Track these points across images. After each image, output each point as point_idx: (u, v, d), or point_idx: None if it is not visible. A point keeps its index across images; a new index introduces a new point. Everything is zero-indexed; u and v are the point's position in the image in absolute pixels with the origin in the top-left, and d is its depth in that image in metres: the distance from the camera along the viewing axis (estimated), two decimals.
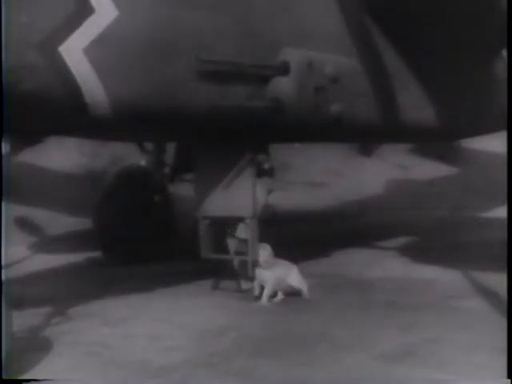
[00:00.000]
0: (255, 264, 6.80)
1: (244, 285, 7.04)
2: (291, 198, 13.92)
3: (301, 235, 11.01)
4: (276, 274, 6.75)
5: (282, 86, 6.42)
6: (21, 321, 5.46)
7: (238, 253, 6.97)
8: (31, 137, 10.08)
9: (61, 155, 13.07)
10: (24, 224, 11.14)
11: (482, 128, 9.31)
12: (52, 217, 11.64)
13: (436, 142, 11.58)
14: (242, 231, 6.89)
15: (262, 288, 6.74)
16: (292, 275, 6.83)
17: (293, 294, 6.83)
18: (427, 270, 7.74)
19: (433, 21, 7.24)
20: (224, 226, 7.04)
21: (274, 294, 6.78)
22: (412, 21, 7.22)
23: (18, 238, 10.41)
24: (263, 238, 6.96)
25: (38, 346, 5.43)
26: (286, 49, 6.45)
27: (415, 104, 7.73)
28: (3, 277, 4.72)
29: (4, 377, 4.47)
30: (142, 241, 8.94)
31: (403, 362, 4.90)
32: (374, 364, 4.90)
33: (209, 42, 5.87)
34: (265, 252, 6.79)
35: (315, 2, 6.95)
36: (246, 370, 4.87)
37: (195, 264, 7.60)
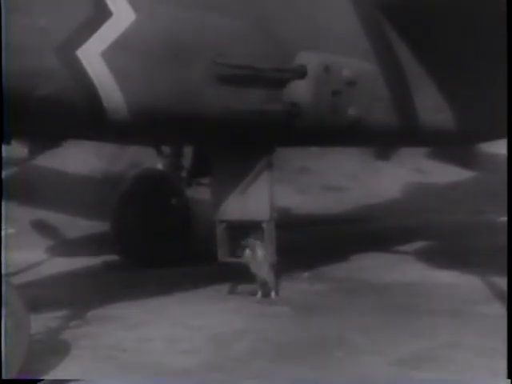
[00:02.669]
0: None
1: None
2: (308, 201, 13.90)
3: (318, 239, 10.99)
4: None
5: (299, 90, 6.41)
6: (38, 324, 5.47)
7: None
8: (49, 141, 10.12)
9: (78, 159, 13.12)
10: (41, 227, 11.18)
11: (501, 132, 9.23)
12: (69, 220, 11.68)
13: (454, 145, 11.51)
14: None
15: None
16: None
17: None
18: (445, 275, 7.69)
19: (451, 23, 7.20)
20: (241, 229, 7.04)
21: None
22: (430, 23, 7.19)
23: (36, 241, 10.46)
24: (280, 242, 6.96)
25: (55, 349, 5.45)
26: (302, 52, 6.44)
27: (433, 107, 7.68)
28: (20, 280, 4.72)
29: (4, 377, 4.48)
30: (159, 244, 8.94)
31: (421, 367, 4.87)
32: (391, 369, 4.88)
33: (226, 46, 5.88)
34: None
35: (332, 6, 6.93)
36: (262, 374, 4.86)
37: (212, 267, 7.60)
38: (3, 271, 4.73)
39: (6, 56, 4.67)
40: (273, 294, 6.97)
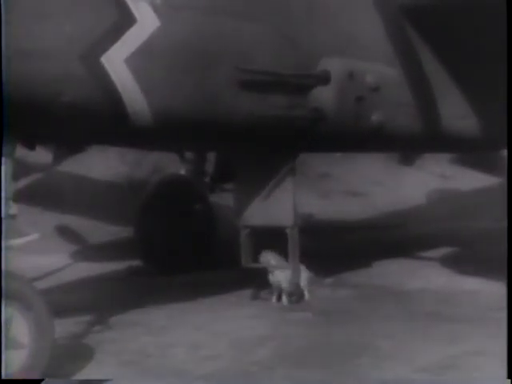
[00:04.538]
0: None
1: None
2: (331, 207, 13.86)
3: (340, 245, 10.95)
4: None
5: (323, 96, 6.41)
6: (62, 328, 5.50)
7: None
8: (73, 146, 10.17)
9: (102, 164, 13.18)
10: (65, 232, 11.25)
11: None
12: (93, 225, 11.73)
13: (479, 151, 11.44)
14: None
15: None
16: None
17: None
18: (469, 282, 7.64)
19: (475, 27, 7.16)
20: (264, 235, 7.05)
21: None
22: (454, 28, 7.16)
23: (60, 246, 10.51)
24: (303, 247, 6.95)
25: (79, 353, 5.47)
26: (326, 58, 6.44)
27: (458, 113, 7.65)
28: (44, 285, 4.76)
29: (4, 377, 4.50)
30: (182, 250, 8.96)
31: (445, 375, 4.84)
32: (416, 376, 4.85)
33: (249, 52, 5.89)
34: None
35: (355, 11, 6.92)
36: (285, 380, 4.85)
37: (235, 273, 7.60)
38: (28, 276, 4.78)
39: (32, 62, 4.73)
40: (306, 294, 7.05)
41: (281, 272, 6.95)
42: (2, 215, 4.84)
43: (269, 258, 6.98)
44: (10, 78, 4.59)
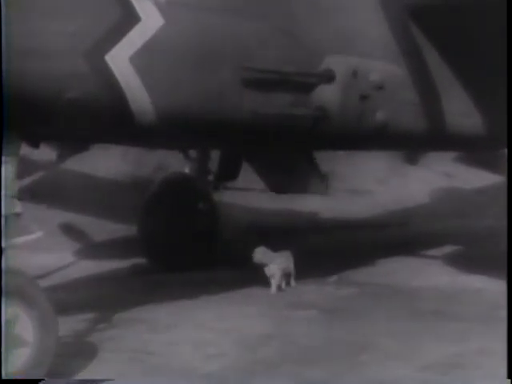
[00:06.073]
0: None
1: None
2: (335, 205, 13.86)
3: (344, 243, 10.95)
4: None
5: (327, 94, 6.41)
6: (66, 326, 5.51)
7: None
8: (76, 144, 10.17)
9: (106, 163, 13.18)
10: (69, 230, 11.25)
11: None
12: (97, 223, 11.74)
13: (483, 150, 11.42)
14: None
15: None
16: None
17: None
18: (474, 280, 7.64)
19: (479, 28, 7.16)
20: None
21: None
22: (458, 28, 7.15)
23: (64, 244, 10.52)
24: (307, 246, 6.96)
25: (82, 351, 5.48)
26: (330, 56, 6.44)
27: (461, 111, 7.64)
28: (48, 283, 4.76)
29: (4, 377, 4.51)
30: (186, 248, 8.96)
31: (450, 373, 4.84)
32: (419, 375, 4.85)
33: (253, 51, 5.90)
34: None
35: (359, 9, 6.92)
36: (289, 378, 4.85)
37: (239, 271, 7.61)
38: (31, 274, 4.78)
39: (36, 60, 4.74)
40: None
41: (273, 265, 7.22)
42: (7, 213, 4.85)
43: (261, 253, 7.23)
44: (14, 76, 4.60)
